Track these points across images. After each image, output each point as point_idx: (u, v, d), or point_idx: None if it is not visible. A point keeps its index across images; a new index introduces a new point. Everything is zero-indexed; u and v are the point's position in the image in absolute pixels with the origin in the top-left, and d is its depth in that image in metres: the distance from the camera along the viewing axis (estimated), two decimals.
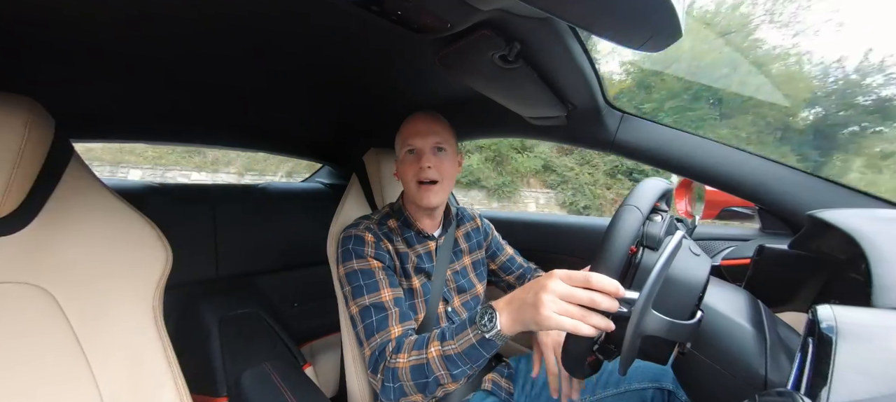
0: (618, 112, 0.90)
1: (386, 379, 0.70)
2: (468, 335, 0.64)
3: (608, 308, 0.50)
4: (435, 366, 0.66)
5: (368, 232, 0.82)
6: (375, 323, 0.75)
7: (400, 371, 0.68)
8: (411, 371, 0.68)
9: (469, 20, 0.54)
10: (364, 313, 0.76)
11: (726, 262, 0.86)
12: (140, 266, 0.63)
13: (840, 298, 0.52)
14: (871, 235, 0.48)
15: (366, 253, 0.80)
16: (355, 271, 0.79)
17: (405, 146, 0.85)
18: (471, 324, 0.64)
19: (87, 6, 0.57)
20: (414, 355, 0.68)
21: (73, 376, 0.54)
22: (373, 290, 0.77)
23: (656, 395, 0.76)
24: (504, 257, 1.07)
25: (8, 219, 0.52)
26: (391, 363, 0.70)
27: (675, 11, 0.43)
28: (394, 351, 0.71)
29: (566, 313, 0.52)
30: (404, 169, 0.85)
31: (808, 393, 0.31)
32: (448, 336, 0.66)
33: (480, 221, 1.07)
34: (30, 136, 0.51)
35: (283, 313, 1.37)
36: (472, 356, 0.64)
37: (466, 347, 0.64)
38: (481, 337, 0.62)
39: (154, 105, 1.05)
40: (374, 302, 0.76)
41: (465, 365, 0.65)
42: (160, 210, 0.75)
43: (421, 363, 0.67)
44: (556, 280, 0.54)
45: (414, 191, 0.84)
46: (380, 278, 0.79)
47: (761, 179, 0.79)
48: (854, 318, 0.34)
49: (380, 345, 0.73)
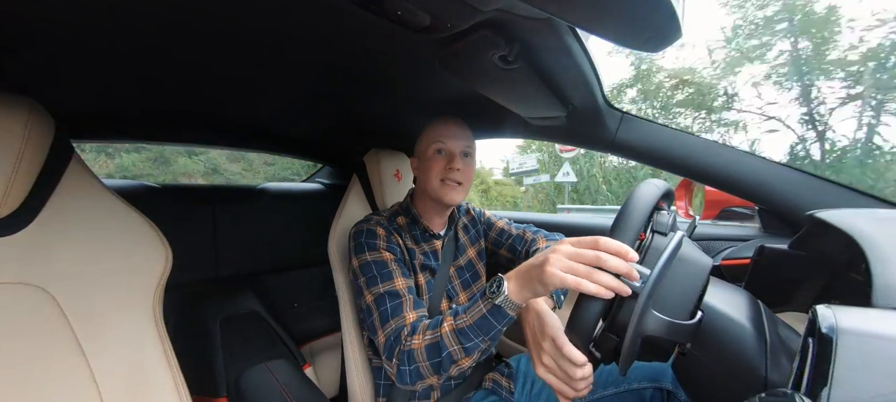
0: (618, 112, 0.90)
1: (401, 363, 0.71)
2: (479, 305, 0.65)
3: (615, 267, 0.49)
4: (448, 341, 0.66)
5: (379, 226, 0.85)
6: (390, 309, 0.75)
7: (415, 352, 0.69)
8: (426, 350, 0.68)
9: (469, 21, 0.54)
10: (379, 301, 0.77)
11: (726, 262, 0.86)
12: (140, 267, 0.63)
13: (840, 298, 0.52)
14: (871, 235, 0.48)
15: (378, 245, 0.82)
16: (369, 263, 0.81)
17: (435, 145, 0.87)
18: (482, 297, 0.65)
19: (88, 6, 0.57)
20: (429, 334, 0.69)
21: (73, 376, 0.54)
22: (387, 278, 0.79)
23: (655, 395, 0.77)
24: (494, 232, 1.07)
25: (8, 219, 0.52)
26: (406, 345, 0.70)
27: (674, 12, 0.43)
28: (409, 334, 0.72)
29: (571, 271, 0.52)
30: (430, 166, 0.87)
31: (808, 393, 0.31)
32: (461, 312, 0.68)
33: (473, 211, 1.09)
34: (30, 136, 0.51)
35: (283, 314, 1.37)
36: (483, 327, 0.64)
37: (477, 317, 0.64)
38: (492, 305, 0.63)
39: (154, 105, 1.05)
40: (389, 290, 0.77)
41: (477, 337, 0.65)
42: (160, 210, 0.75)
43: (435, 341, 0.68)
44: (564, 244, 0.55)
45: (437, 187, 0.87)
46: (393, 268, 0.80)
47: (761, 179, 0.79)
48: (854, 318, 0.34)
49: (395, 330, 0.73)
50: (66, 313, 0.55)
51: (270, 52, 0.75)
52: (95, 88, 0.89)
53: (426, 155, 0.88)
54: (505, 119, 1.06)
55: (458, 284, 0.95)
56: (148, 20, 0.62)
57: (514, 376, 0.94)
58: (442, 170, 0.87)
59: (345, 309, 0.97)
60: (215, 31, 0.67)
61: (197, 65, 0.80)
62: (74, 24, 0.62)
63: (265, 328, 1.19)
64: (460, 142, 0.89)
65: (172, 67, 0.81)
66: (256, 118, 1.25)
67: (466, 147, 0.90)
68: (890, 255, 0.44)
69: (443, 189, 0.87)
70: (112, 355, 0.58)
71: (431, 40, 0.62)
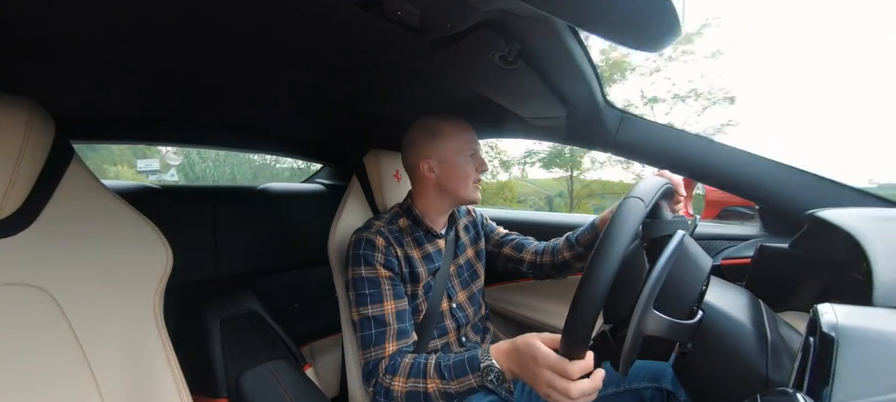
0: (618, 112, 0.90)
1: (378, 394, 0.74)
2: (469, 379, 0.67)
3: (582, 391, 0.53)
4: (435, 398, 0.69)
5: (379, 235, 0.83)
6: (373, 336, 0.77)
7: (395, 393, 0.71)
8: (407, 396, 0.70)
9: (469, 21, 0.54)
10: (363, 324, 0.78)
11: (727, 261, 0.86)
12: (141, 267, 0.63)
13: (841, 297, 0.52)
14: (871, 234, 0.48)
15: (376, 259, 0.81)
16: (362, 279, 0.80)
17: (467, 151, 0.90)
18: (472, 371, 0.66)
19: (87, 6, 0.57)
20: (411, 382, 0.71)
21: (74, 377, 0.54)
22: (376, 301, 0.79)
23: (656, 395, 0.76)
24: (496, 236, 1.10)
25: (8, 220, 0.52)
26: (384, 382, 0.73)
27: (675, 11, 0.43)
28: (387, 371, 0.73)
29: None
30: (465, 170, 0.89)
31: (809, 393, 0.31)
32: (447, 376, 0.68)
33: (474, 212, 1.10)
34: (30, 137, 0.51)
35: (283, 314, 1.37)
36: (467, 392, 0.68)
37: (466, 388, 0.67)
38: (483, 386, 0.66)
39: (154, 105, 1.05)
40: (375, 315, 0.78)
41: (462, 400, 0.70)
42: (161, 211, 0.75)
43: (418, 392, 0.70)
44: (542, 370, 0.57)
45: (472, 189, 0.91)
46: (385, 289, 0.80)
47: (762, 178, 0.79)
48: (855, 317, 0.34)
49: (374, 359, 0.76)
50: (67, 314, 0.55)
51: (271, 52, 0.75)
52: (95, 88, 0.89)
53: (457, 161, 0.89)
54: (505, 119, 1.06)
55: (457, 282, 0.95)
56: (148, 20, 0.62)
57: None
58: (474, 173, 0.91)
59: (344, 310, 0.97)
60: (215, 31, 0.67)
61: (197, 65, 0.80)
62: (75, 24, 0.62)
63: (265, 329, 1.19)
64: (479, 144, 0.94)
65: (172, 67, 0.81)
66: (256, 118, 1.25)
67: (481, 148, 0.96)
68: (890, 254, 0.44)
69: (475, 190, 0.91)
70: (113, 355, 0.58)
71: (431, 40, 0.62)
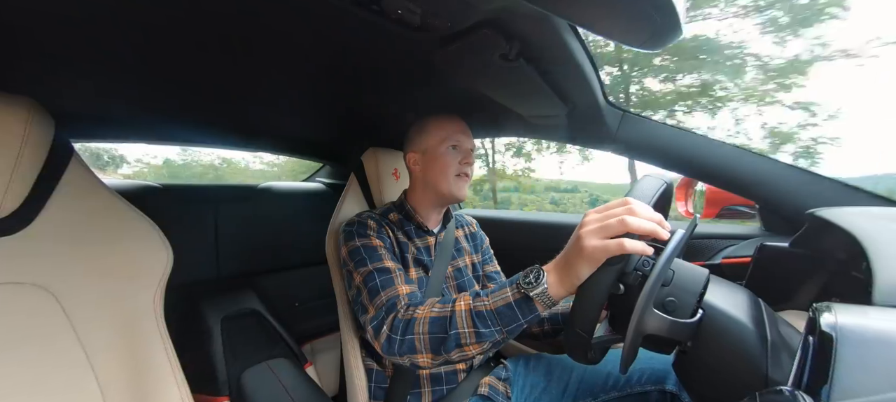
0: (618, 110, 0.89)
1: (394, 331, 0.65)
2: (506, 292, 0.58)
3: (639, 228, 0.49)
4: (460, 320, 0.60)
5: (371, 219, 0.85)
6: (380, 283, 0.73)
7: (417, 322, 0.63)
8: (431, 322, 0.62)
9: (469, 19, 0.54)
10: (368, 278, 0.74)
11: (727, 260, 0.86)
12: (141, 266, 0.63)
13: (841, 296, 0.52)
14: (871, 233, 0.48)
15: (368, 234, 0.82)
16: (358, 248, 0.80)
17: (449, 142, 0.89)
18: (511, 284, 0.59)
19: (87, 5, 0.57)
20: (437, 306, 0.64)
21: (75, 376, 0.54)
22: (377, 259, 0.78)
23: (660, 398, 0.76)
24: (491, 268, 1.06)
25: (8, 219, 0.52)
26: (407, 313, 0.66)
27: (675, 10, 0.43)
28: (408, 305, 0.68)
29: (610, 234, 0.50)
30: (445, 161, 0.88)
31: (808, 391, 0.31)
32: (482, 294, 0.61)
33: (477, 227, 1.09)
34: (30, 136, 0.51)
35: (283, 313, 1.37)
36: (505, 316, 0.57)
37: (502, 304, 0.58)
38: (522, 296, 0.56)
39: (154, 105, 1.05)
40: (379, 267, 0.76)
41: (494, 326, 0.58)
42: (161, 210, 0.75)
43: (444, 316, 0.61)
44: (589, 215, 0.54)
45: (452, 182, 0.89)
46: (382, 252, 0.80)
47: (762, 177, 0.79)
48: (855, 316, 0.34)
49: (388, 301, 0.69)
50: (68, 313, 0.55)
51: (270, 51, 0.75)
52: (95, 88, 0.89)
53: (438, 151, 0.88)
54: (504, 117, 1.06)
55: (455, 285, 0.93)
56: (148, 20, 0.62)
57: (511, 380, 0.89)
58: (457, 166, 0.89)
59: (343, 309, 0.97)
60: (215, 31, 0.67)
61: (196, 65, 0.80)
62: (75, 24, 0.62)
63: (266, 327, 1.19)
64: (470, 140, 0.92)
65: (172, 67, 0.81)
66: (257, 118, 1.25)
67: (472, 146, 0.93)
68: (891, 253, 0.44)
69: (458, 184, 0.89)
70: (113, 353, 0.58)
71: (431, 39, 0.62)
